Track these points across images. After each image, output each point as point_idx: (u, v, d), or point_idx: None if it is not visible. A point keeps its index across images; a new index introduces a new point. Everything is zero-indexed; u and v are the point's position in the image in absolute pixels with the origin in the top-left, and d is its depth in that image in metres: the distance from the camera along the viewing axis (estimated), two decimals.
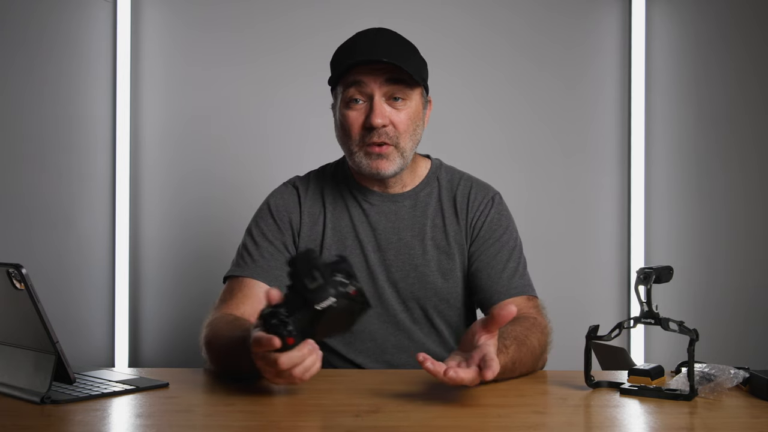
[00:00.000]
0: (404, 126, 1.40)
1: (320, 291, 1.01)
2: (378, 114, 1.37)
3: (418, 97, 1.42)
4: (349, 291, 1.04)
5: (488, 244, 1.47)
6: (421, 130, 1.45)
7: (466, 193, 1.51)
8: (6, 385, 1.10)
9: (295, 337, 1.01)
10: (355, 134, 1.40)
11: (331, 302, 1.01)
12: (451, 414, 1.02)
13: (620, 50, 2.34)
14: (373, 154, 1.40)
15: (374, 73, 1.37)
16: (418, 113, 1.43)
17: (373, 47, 1.38)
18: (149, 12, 2.28)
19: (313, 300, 1.01)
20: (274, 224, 1.47)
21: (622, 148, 2.34)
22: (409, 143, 1.42)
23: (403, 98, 1.39)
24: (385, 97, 1.38)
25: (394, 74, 1.37)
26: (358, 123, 1.39)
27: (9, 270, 1.04)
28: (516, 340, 1.23)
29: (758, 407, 1.06)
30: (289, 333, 1.01)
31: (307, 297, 1.01)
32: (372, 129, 1.38)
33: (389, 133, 1.39)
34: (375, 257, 1.46)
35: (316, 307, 1.01)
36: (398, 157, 1.41)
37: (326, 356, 1.49)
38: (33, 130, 2.25)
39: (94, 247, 2.26)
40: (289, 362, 1.02)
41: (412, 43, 1.45)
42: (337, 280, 1.03)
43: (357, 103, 1.39)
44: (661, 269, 1.15)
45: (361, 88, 1.38)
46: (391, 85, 1.38)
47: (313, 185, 1.53)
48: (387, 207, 1.48)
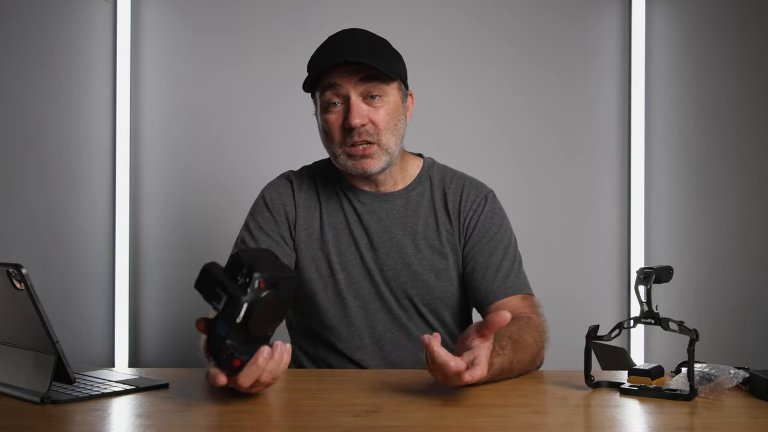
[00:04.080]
0: (384, 123, 1.39)
1: (231, 306, 0.98)
2: (355, 114, 1.37)
3: (395, 92, 1.42)
4: (257, 285, 0.99)
5: (482, 244, 1.47)
6: (403, 125, 1.44)
7: (458, 192, 1.50)
8: (6, 385, 1.10)
9: (240, 358, 0.99)
10: (337, 137, 1.40)
11: (246, 308, 0.98)
12: (451, 414, 1.02)
13: (620, 50, 2.34)
14: (356, 156, 1.40)
15: (348, 74, 1.37)
16: (398, 108, 1.42)
17: (344, 48, 1.38)
18: (149, 12, 2.28)
19: (232, 315, 0.98)
20: (270, 217, 1.48)
21: (622, 148, 2.34)
22: (392, 139, 1.41)
23: (380, 95, 1.39)
24: (361, 97, 1.38)
25: (368, 72, 1.37)
26: (337, 125, 1.39)
27: (9, 270, 1.04)
28: (511, 339, 1.23)
29: (758, 407, 1.06)
30: (230, 357, 0.99)
31: (225, 315, 0.99)
32: (351, 129, 1.38)
33: (369, 131, 1.39)
34: (369, 255, 1.46)
35: (237, 321, 0.98)
36: (383, 154, 1.41)
37: (323, 354, 1.49)
38: (33, 129, 2.25)
39: (94, 247, 2.26)
40: (248, 379, 1.01)
41: (385, 39, 1.45)
42: (241, 282, 0.99)
43: (335, 106, 1.39)
44: (661, 269, 1.15)
45: (336, 91, 1.38)
46: (366, 83, 1.38)
47: (307, 179, 1.53)
48: (378, 206, 1.48)
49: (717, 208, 2.33)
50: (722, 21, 2.34)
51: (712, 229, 2.34)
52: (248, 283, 0.99)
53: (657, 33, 2.34)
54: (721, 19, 2.34)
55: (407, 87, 1.47)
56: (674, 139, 2.35)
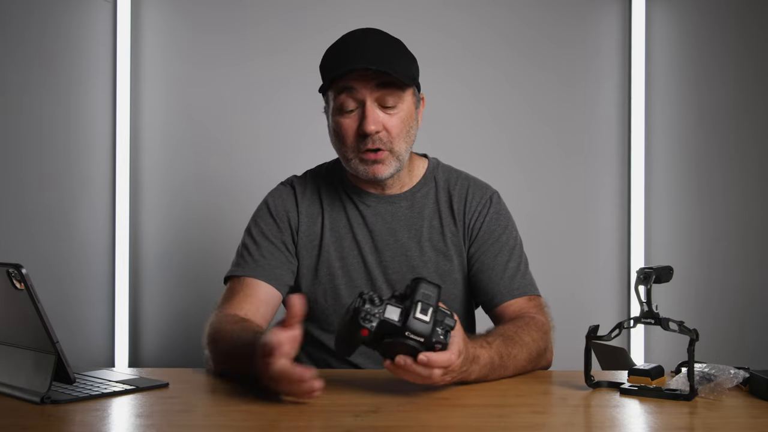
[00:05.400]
0: (397, 130, 1.38)
1: (419, 323, 1.03)
2: (371, 121, 1.35)
3: (410, 98, 1.41)
4: (451, 326, 1.05)
5: (487, 245, 1.46)
6: (414, 130, 1.43)
7: (463, 194, 1.50)
8: (6, 385, 1.10)
9: (368, 328, 1.03)
10: (350, 142, 1.39)
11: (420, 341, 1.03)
12: (451, 414, 1.02)
13: (620, 50, 2.34)
14: (368, 161, 1.39)
15: (365, 79, 1.35)
16: (411, 114, 1.41)
17: (362, 52, 1.36)
18: (149, 12, 2.28)
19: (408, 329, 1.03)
20: (273, 224, 1.47)
21: (622, 148, 2.34)
22: (404, 145, 1.40)
23: (395, 102, 1.37)
24: (377, 102, 1.37)
25: (385, 78, 1.35)
26: (351, 130, 1.38)
27: (9, 270, 1.04)
28: (502, 336, 1.24)
29: (758, 407, 1.06)
30: (366, 320, 1.03)
31: (408, 313, 1.03)
32: (366, 136, 1.36)
33: (383, 138, 1.37)
34: (372, 258, 1.46)
35: (407, 333, 1.02)
36: (394, 161, 1.40)
37: (324, 357, 1.49)
38: (33, 130, 2.25)
39: (94, 247, 2.26)
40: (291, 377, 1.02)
41: (400, 40, 1.43)
42: (446, 323, 1.05)
43: (349, 110, 1.38)
44: (661, 269, 1.15)
45: (352, 95, 1.36)
46: (382, 89, 1.36)
47: (310, 185, 1.52)
48: (383, 208, 1.48)
49: (717, 208, 2.33)
50: (722, 21, 2.34)
51: (712, 229, 2.34)
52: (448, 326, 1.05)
53: (657, 33, 2.34)
54: (721, 19, 2.34)
55: (420, 90, 1.46)
56: (674, 139, 2.35)
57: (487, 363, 1.17)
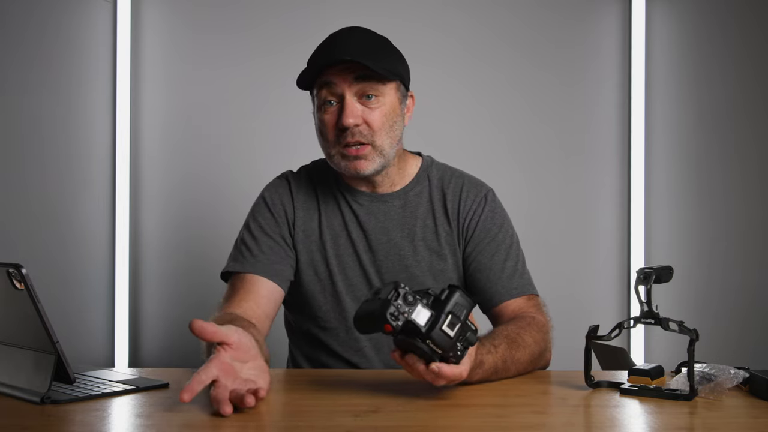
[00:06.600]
0: (378, 124, 1.36)
1: (443, 337, 1.02)
2: (349, 114, 1.34)
3: (392, 93, 1.39)
4: (471, 342, 1.04)
5: (484, 245, 1.45)
6: (399, 126, 1.41)
7: (457, 192, 1.48)
8: (6, 385, 1.10)
9: (394, 326, 1.02)
10: (331, 136, 1.38)
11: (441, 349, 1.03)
12: (451, 414, 1.02)
13: (620, 50, 2.34)
14: (350, 156, 1.37)
15: (343, 73, 1.34)
16: (394, 109, 1.39)
17: (343, 47, 1.35)
18: (149, 12, 2.28)
19: (430, 339, 1.02)
20: (271, 218, 1.46)
21: (622, 148, 2.34)
22: (387, 140, 1.38)
23: (375, 95, 1.36)
24: (356, 96, 1.36)
25: (363, 71, 1.34)
26: (331, 125, 1.37)
27: (9, 270, 1.04)
28: (507, 338, 1.23)
29: (758, 407, 1.06)
30: (393, 318, 1.02)
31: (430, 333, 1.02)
32: (345, 129, 1.35)
33: (363, 132, 1.36)
34: (367, 257, 1.45)
35: (428, 341, 1.02)
36: (377, 156, 1.38)
37: (322, 357, 1.49)
38: (33, 129, 2.25)
39: (94, 247, 2.26)
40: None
41: (386, 38, 1.43)
42: (468, 338, 1.04)
43: (330, 105, 1.37)
44: (661, 269, 1.15)
45: (331, 89, 1.36)
46: (361, 82, 1.35)
47: (305, 180, 1.51)
48: (376, 207, 1.47)
49: (717, 208, 2.33)
50: (722, 21, 2.34)
51: (712, 229, 2.34)
52: (469, 341, 1.04)
53: (657, 33, 2.34)
54: (721, 19, 2.34)
55: (408, 88, 1.44)
56: (674, 139, 2.35)
57: (491, 367, 1.17)
